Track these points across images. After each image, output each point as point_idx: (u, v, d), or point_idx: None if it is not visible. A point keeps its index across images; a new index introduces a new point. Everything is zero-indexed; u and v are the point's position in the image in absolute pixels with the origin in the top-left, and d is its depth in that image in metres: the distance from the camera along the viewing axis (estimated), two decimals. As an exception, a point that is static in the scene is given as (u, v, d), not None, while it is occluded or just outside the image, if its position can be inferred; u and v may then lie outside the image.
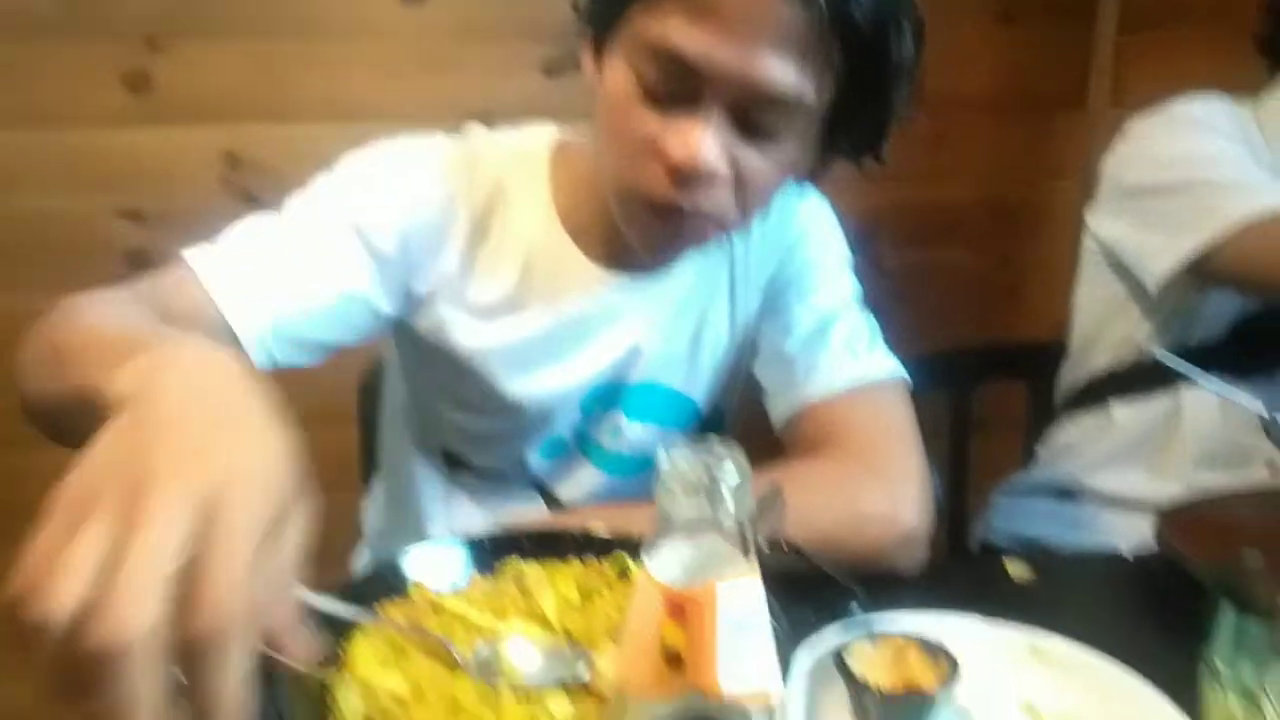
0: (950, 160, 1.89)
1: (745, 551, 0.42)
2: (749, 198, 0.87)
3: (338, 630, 0.74)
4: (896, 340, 1.04)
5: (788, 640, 0.71)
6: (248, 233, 0.92)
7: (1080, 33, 1.89)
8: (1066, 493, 1.37)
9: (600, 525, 0.85)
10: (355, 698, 0.67)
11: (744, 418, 1.12)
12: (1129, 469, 1.31)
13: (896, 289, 1.16)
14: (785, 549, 0.80)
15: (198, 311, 0.87)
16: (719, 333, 1.05)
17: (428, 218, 0.96)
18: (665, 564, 0.42)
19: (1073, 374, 1.44)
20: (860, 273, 1.08)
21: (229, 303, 0.87)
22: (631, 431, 1.05)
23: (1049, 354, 1.50)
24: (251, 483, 0.45)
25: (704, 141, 0.81)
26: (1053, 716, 0.68)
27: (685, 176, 0.82)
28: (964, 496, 1.56)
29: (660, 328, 1.02)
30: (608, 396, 1.04)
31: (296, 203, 0.94)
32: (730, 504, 0.41)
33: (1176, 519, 0.90)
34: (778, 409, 1.01)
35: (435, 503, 1.14)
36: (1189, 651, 0.67)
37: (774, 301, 1.04)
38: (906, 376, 1.00)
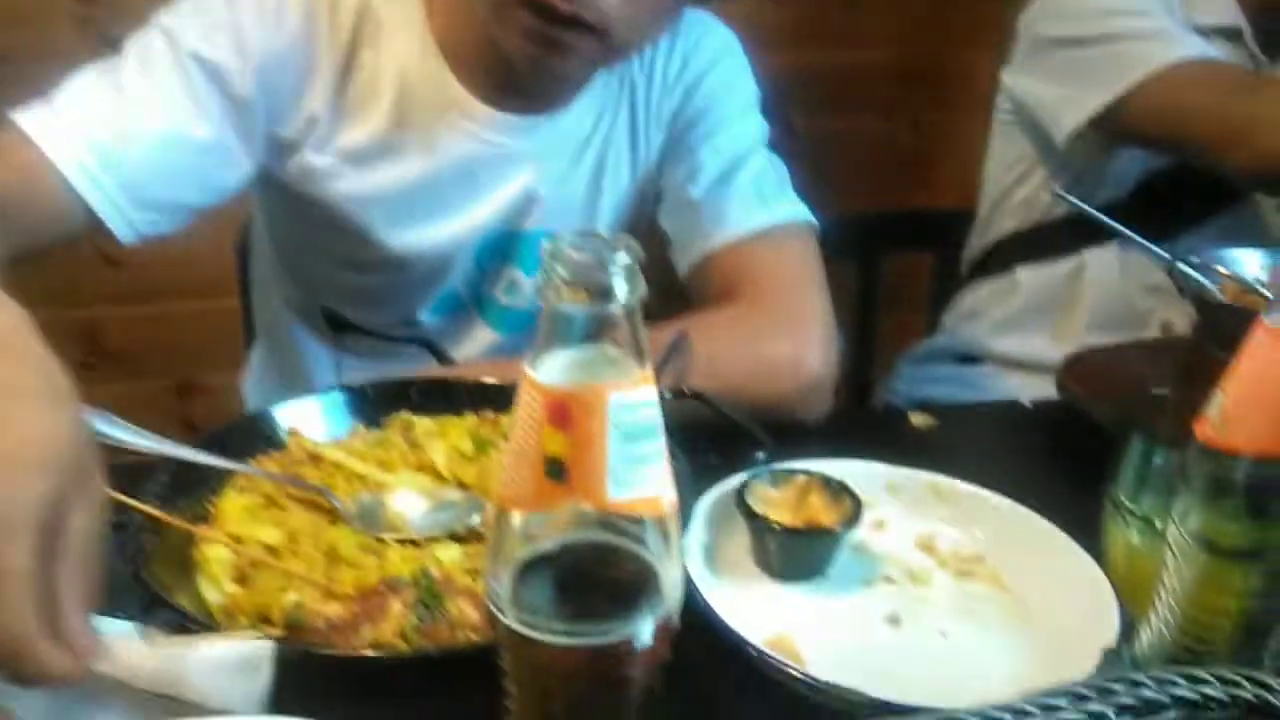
0: (863, 22, 1.83)
1: (638, 354, 0.37)
2: (638, 10, 0.80)
3: (207, 484, 0.69)
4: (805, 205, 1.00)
5: (691, 486, 0.69)
6: (85, 85, 0.81)
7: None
8: (968, 357, 1.37)
9: (494, 378, 0.81)
10: (223, 551, 0.62)
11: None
12: (1030, 332, 1.32)
13: (806, 154, 1.11)
14: (691, 396, 0.77)
15: (38, 182, 0.77)
16: (620, 175, 0.99)
17: (287, 51, 0.85)
18: (549, 368, 0.37)
19: (979, 239, 1.44)
20: (769, 137, 1.03)
21: (72, 168, 0.78)
22: (528, 286, 1.00)
23: (958, 223, 1.48)
24: (16, 472, 0.40)
25: None
26: (950, 554, 0.68)
27: None
28: (870, 366, 1.57)
29: (556, 171, 0.95)
30: (502, 248, 0.98)
31: (137, 45, 0.84)
32: (622, 292, 0.36)
33: (1078, 366, 0.90)
34: (683, 257, 0.96)
35: (321, 368, 1.07)
36: (1088, 492, 0.67)
37: (678, 141, 0.98)
38: (814, 220, 0.97)
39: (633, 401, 0.37)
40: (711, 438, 0.74)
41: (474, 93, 0.90)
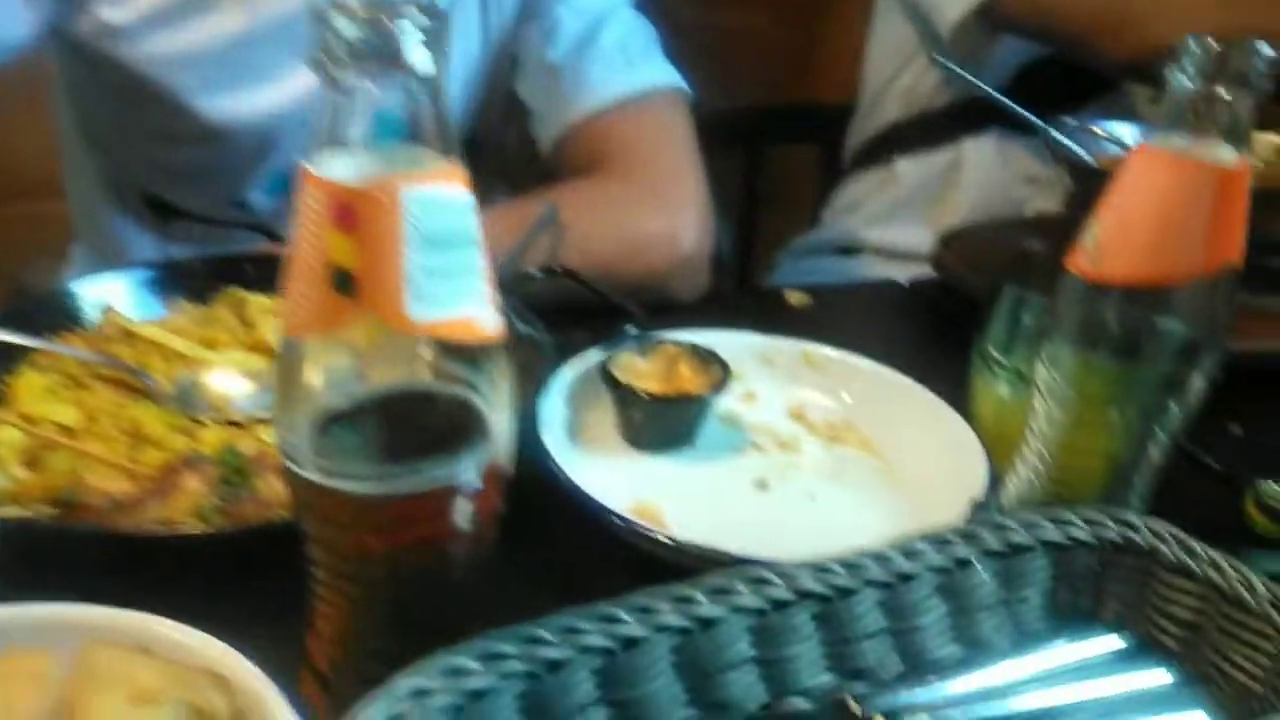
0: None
1: (442, 143, 0.31)
2: None
3: (2, 364, 0.61)
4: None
5: (553, 358, 0.64)
6: None
7: None
8: (847, 249, 1.36)
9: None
10: (12, 432, 0.55)
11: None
12: (908, 223, 1.30)
13: (689, 48, 1.06)
14: (561, 273, 0.72)
15: None
16: (469, 39, 0.90)
17: None
18: (331, 160, 0.31)
19: (860, 131, 1.41)
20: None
21: None
22: None
23: (844, 117, 1.45)
24: None
25: None
26: (821, 422, 0.65)
27: None
28: (752, 261, 1.54)
29: None
30: None
31: None
32: (421, 61, 0.30)
33: (954, 242, 0.88)
34: (546, 129, 0.89)
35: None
36: (960, 361, 0.65)
37: (533, 3, 0.90)
38: (685, 86, 0.91)
39: (434, 198, 0.31)
40: (580, 314, 0.70)
41: None
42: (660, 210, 0.82)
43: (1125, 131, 0.86)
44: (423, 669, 0.34)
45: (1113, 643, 0.45)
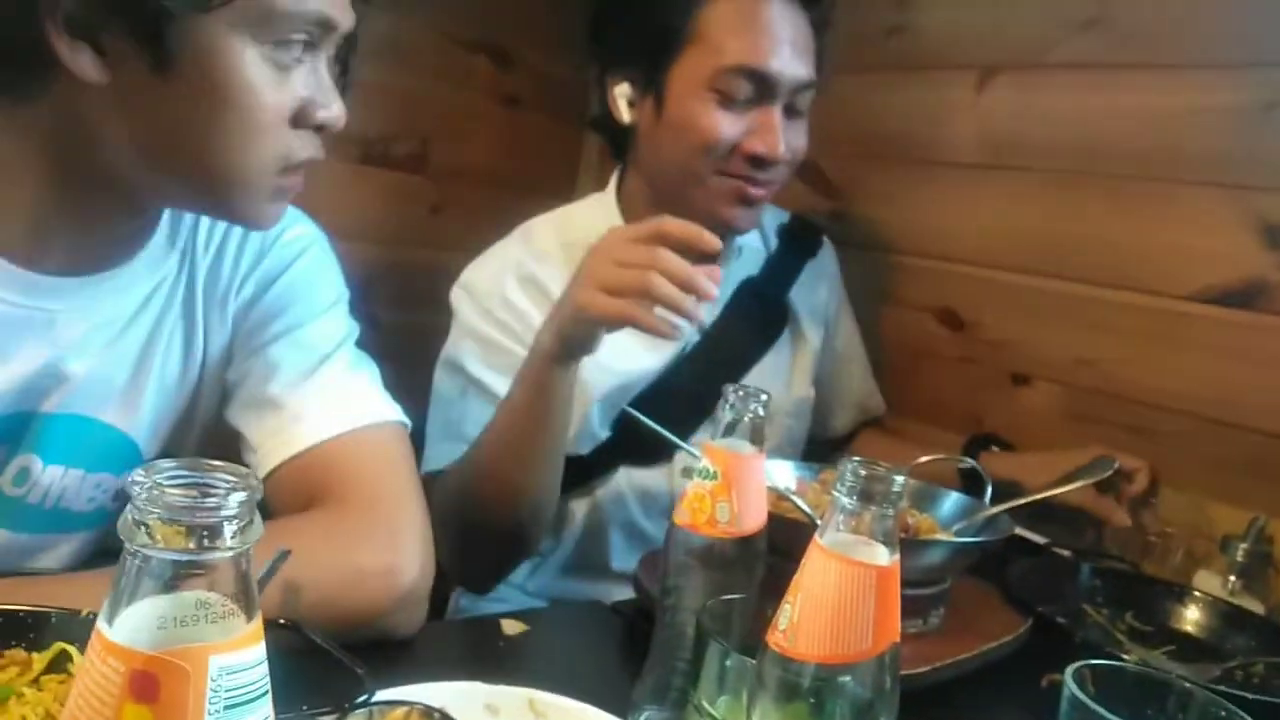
0: (446, 227, 1.93)
1: (245, 605, 0.33)
2: None
3: None
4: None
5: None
6: None
7: (572, 127, 2.06)
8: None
9: (25, 600, 0.66)
10: None
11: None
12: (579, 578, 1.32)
13: (389, 349, 1.12)
14: (285, 626, 0.70)
15: None
16: (170, 362, 0.90)
17: None
18: (131, 625, 0.31)
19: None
20: (359, 336, 1.01)
21: None
22: (47, 477, 0.86)
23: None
24: None
25: None
26: (548, 773, 0.67)
27: None
28: (444, 580, 1.52)
29: (92, 344, 0.84)
30: (14, 430, 0.83)
31: None
32: (232, 536, 0.32)
33: (649, 562, 0.96)
34: (263, 459, 0.89)
35: None
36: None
37: (251, 337, 0.92)
38: (407, 421, 0.95)
39: (239, 664, 0.32)
40: (303, 675, 0.67)
41: None
42: (383, 545, 0.83)
43: (782, 471, 1.00)
44: None
45: None
